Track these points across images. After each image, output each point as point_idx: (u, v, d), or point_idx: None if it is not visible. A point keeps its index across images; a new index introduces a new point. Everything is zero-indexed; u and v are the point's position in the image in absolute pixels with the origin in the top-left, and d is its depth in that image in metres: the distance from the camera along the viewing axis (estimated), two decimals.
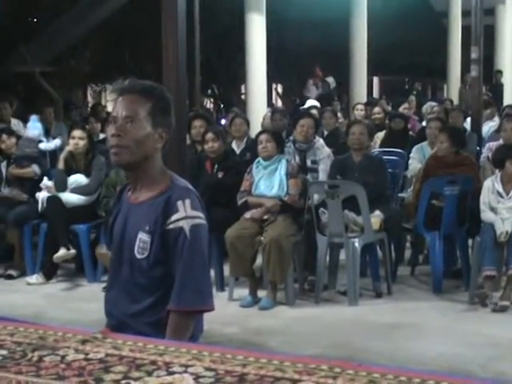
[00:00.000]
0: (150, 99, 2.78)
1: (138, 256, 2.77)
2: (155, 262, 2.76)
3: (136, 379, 1.73)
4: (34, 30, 16.61)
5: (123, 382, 1.72)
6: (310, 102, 13.81)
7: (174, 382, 1.71)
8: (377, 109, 12.56)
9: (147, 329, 2.73)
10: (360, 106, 13.17)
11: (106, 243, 6.05)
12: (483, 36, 10.62)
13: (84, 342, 1.97)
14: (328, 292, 6.96)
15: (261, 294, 6.72)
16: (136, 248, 2.78)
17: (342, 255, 6.98)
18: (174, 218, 2.72)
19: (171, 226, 2.72)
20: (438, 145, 7.37)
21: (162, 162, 2.88)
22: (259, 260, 6.89)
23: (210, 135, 7.42)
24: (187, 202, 2.73)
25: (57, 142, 10.10)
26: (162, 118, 2.81)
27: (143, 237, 2.76)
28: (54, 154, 9.65)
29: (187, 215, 2.72)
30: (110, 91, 3.12)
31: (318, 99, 15.27)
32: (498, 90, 15.41)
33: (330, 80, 19.09)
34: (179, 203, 2.72)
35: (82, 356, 1.89)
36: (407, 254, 7.96)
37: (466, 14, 15.80)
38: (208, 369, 1.77)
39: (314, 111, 10.65)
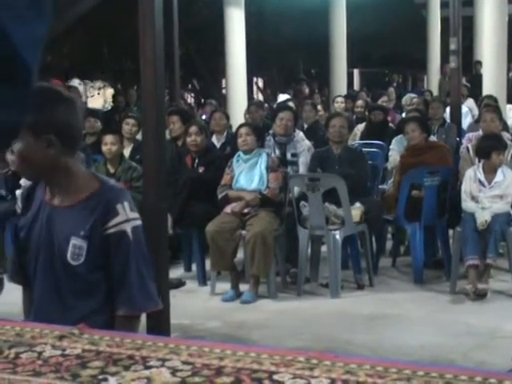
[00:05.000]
0: None
1: (73, 262, 2.66)
2: (93, 267, 2.67)
3: (113, 374, 1.73)
4: None
5: (100, 377, 1.72)
6: (283, 97, 13.82)
7: (151, 377, 1.71)
8: (360, 102, 12.58)
9: None
10: (340, 99, 13.18)
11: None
12: (462, 27, 10.65)
13: (61, 338, 1.97)
14: (310, 284, 6.97)
15: (243, 287, 6.72)
16: (69, 254, 2.66)
17: (324, 248, 7.00)
18: (114, 221, 2.64)
19: (112, 230, 2.64)
20: (410, 134, 7.43)
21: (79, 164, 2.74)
22: (240, 254, 6.89)
23: (193, 128, 7.40)
24: (126, 204, 2.67)
25: None
26: (39, 122, 2.55)
27: (78, 242, 2.65)
28: None
29: (128, 218, 2.66)
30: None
31: None
32: (477, 80, 15.42)
33: None
34: (118, 206, 2.65)
35: (59, 352, 1.88)
36: (388, 245, 7.98)
37: (444, 5, 15.84)
38: (185, 362, 1.77)
39: (292, 104, 10.66)
